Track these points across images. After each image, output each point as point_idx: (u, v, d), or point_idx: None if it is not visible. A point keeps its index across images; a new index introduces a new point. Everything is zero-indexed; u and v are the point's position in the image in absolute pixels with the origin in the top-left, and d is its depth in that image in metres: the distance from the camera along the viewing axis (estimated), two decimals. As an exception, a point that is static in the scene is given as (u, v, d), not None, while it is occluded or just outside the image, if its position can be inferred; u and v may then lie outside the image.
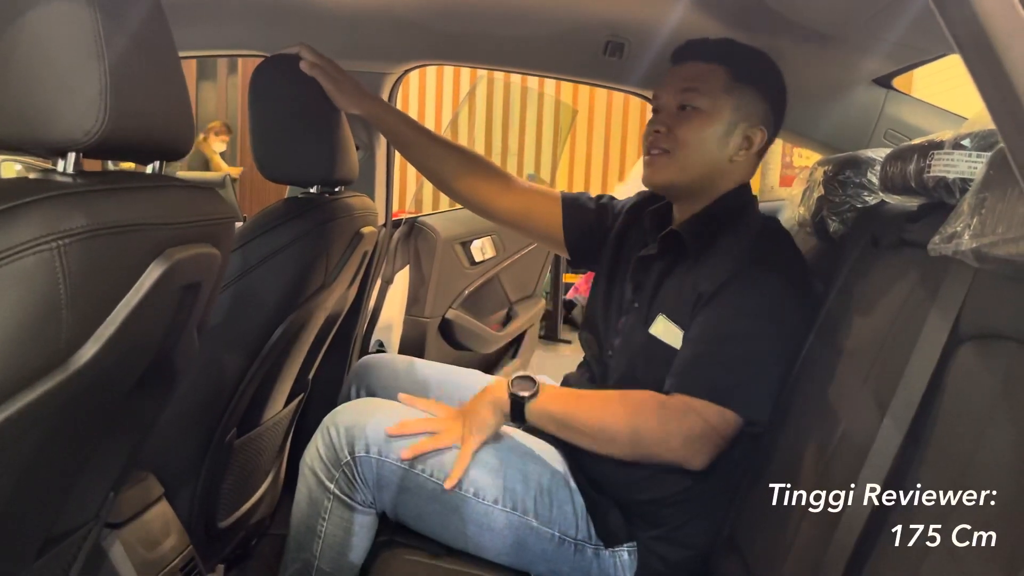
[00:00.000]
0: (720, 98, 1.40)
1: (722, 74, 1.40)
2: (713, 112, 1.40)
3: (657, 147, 1.42)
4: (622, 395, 1.35)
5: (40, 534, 0.92)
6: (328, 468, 1.33)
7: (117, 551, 1.20)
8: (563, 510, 1.36)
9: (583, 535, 1.36)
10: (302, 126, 1.47)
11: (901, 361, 0.95)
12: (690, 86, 1.40)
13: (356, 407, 1.40)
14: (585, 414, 1.32)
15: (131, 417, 1.00)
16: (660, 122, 1.42)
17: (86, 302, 0.73)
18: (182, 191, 0.91)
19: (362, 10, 1.65)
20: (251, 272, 1.37)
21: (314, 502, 1.36)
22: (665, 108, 1.43)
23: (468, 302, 2.71)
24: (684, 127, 1.40)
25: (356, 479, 1.33)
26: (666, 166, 1.42)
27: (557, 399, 1.34)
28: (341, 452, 1.32)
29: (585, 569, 1.37)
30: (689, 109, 1.40)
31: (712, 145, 1.41)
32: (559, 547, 1.35)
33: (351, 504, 1.35)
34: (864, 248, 1.32)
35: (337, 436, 1.33)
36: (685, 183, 1.43)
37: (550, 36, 1.68)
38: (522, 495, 1.34)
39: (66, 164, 0.77)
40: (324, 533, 1.36)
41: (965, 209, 0.83)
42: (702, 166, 1.42)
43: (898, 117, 1.71)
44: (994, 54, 0.52)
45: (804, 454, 1.17)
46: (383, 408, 1.40)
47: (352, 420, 1.34)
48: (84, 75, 0.73)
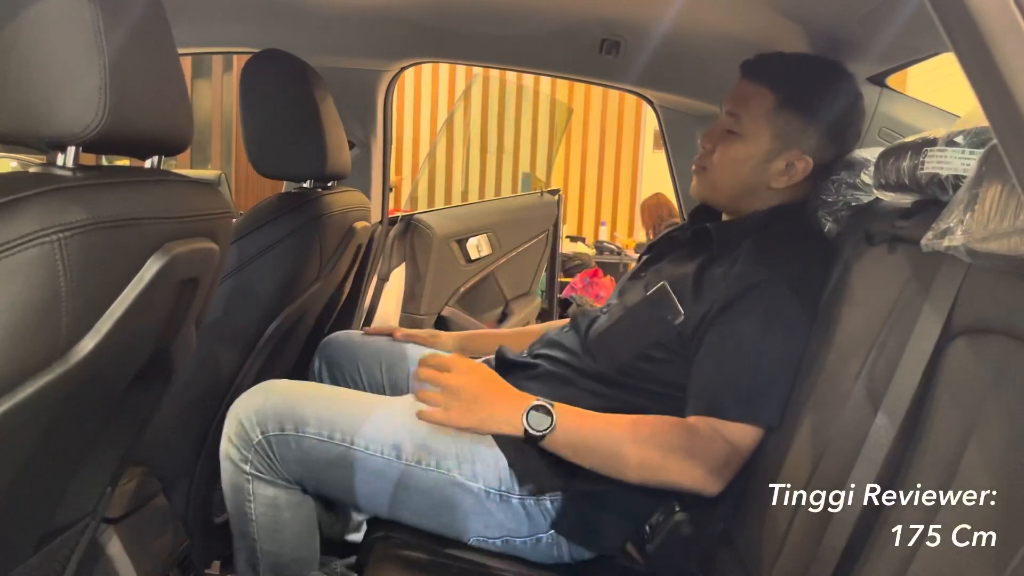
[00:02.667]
0: (760, 125, 1.39)
1: (768, 98, 1.38)
2: (750, 139, 1.40)
3: (699, 163, 1.47)
4: (647, 425, 1.29)
5: (37, 528, 0.93)
6: (240, 451, 1.32)
7: (114, 546, 1.21)
8: (486, 463, 1.33)
9: (507, 487, 1.34)
10: (293, 121, 1.48)
11: (895, 356, 0.96)
12: (734, 110, 1.41)
13: (257, 391, 1.37)
14: (604, 447, 1.27)
15: (129, 411, 1.01)
16: (708, 138, 1.45)
17: (86, 295, 0.73)
18: (181, 186, 0.91)
19: (358, 8, 1.66)
20: (246, 267, 1.37)
21: (236, 487, 1.35)
22: (719, 123, 1.45)
23: (464, 299, 2.72)
24: (721, 149, 1.42)
25: (271, 457, 1.32)
26: (701, 183, 1.47)
27: (573, 431, 1.27)
28: (253, 432, 1.31)
29: (516, 518, 1.34)
30: (730, 135, 1.41)
31: (747, 171, 1.42)
32: (485, 500, 1.33)
33: (272, 481, 1.34)
34: (858, 245, 1.33)
35: (248, 417, 1.31)
36: (720, 201, 1.49)
37: (546, 34, 1.69)
38: (443, 452, 1.32)
39: (66, 158, 0.77)
40: (255, 515, 1.35)
41: (957, 205, 0.83)
42: (736, 188, 1.45)
43: (892, 115, 1.71)
44: (988, 51, 0.53)
45: (799, 450, 1.17)
46: (288, 388, 1.38)
47: (259, 403, 1.33)
48: (84, 70, 0.73)
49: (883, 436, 0.93)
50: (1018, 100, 0.52)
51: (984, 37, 0.52)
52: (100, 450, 1.01)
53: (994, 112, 0.56)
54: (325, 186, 1.61)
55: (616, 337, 1.41)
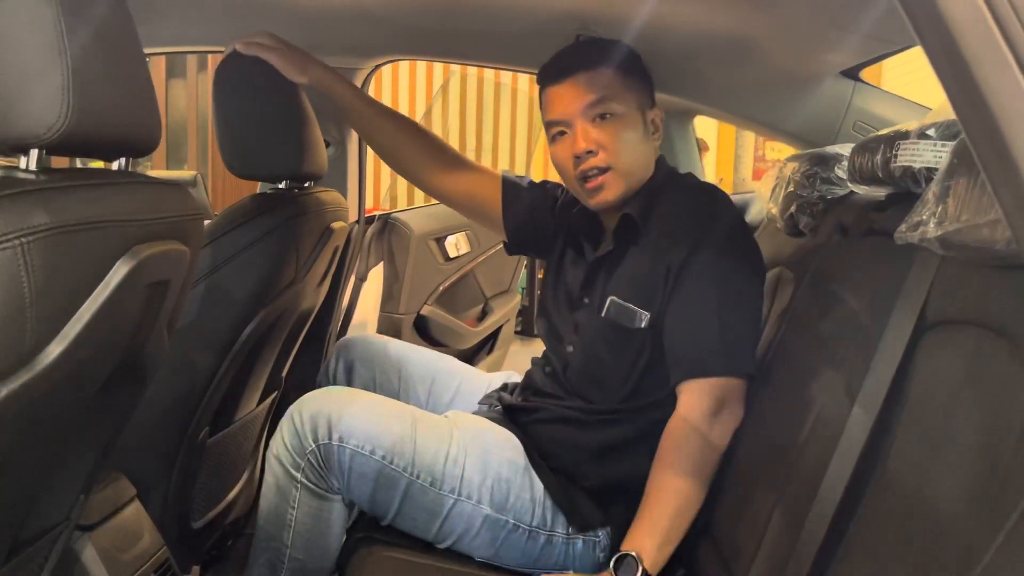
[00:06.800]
0: (625, 96, 1.39)
1: (613, 74, 1.39)
2: (628, 113, 1.39)
3: (594, 168, 1.38)
4: (672, 462, 1.29)
5: (9, 536, 0.91)
6: (294, 457, 1.32)
7: (89, 553, 1.19)
8: (520, 498, 1.36)
9: (540, 523, 1.37)
10: (268, 121, 1.46)
11: (870, 348, 0.96)
12: (599, 96, 1.37)
13: (322, 395, 1.39)
14: (678, 510, 1.28)
15: (101, 417, 0.99)
16: (584, 142, 1.36)
17: (51, 300, 0.72)
18: (149, 187, 0.90)
19: (331, 5, 1.64)
20: (220, 269, 1.36)
21: (282, 491, 1.34)
22: (575, 127, 1.38)
23: (443, 298, 2.70)
24: (611, 138, 1.37)
25: (324, 467, 1.32)
26: (613, 183, 1.39)
27: (658, 542, 1.25)
28: (306, 440, 1.31)
29: (556, 557, 1.38)
30: (609, 117, 1.37)
31: (640, 144, 1.41)
32: (513, 534, 1.36)
33: (320, 493, 1.34)
34: (833, 238, 1.33)
35: (302, 424, 1.32)
36: (633, 188, 1.42)
37: (520, 30, 1.68)
38: (478, 485, 1.34)
39: (29, 161, 0.76)
40: (294, 521, 1.35)
41: (930, 198, 0.84)
42: (640, 167, 1.42)
43: (866, 109, 1.73)
44: (954, 44, 0.53)
45: (777, 443, 1.18)
46: (353, 397, 1.40)
47: (318, 408, 1.33)
48: (45, 71, 0.72)
49: (860, 428, 0.94)
50: (984, 92, 0.52)
51: (950, 29, 0.52)
52: (72, 456, 1.00)
53: (961, 105, 0.56)
54: (301, 186, 1.59)
55: (597, 371, 1.43)
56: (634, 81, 1.41)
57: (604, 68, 1.39)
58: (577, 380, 1.46)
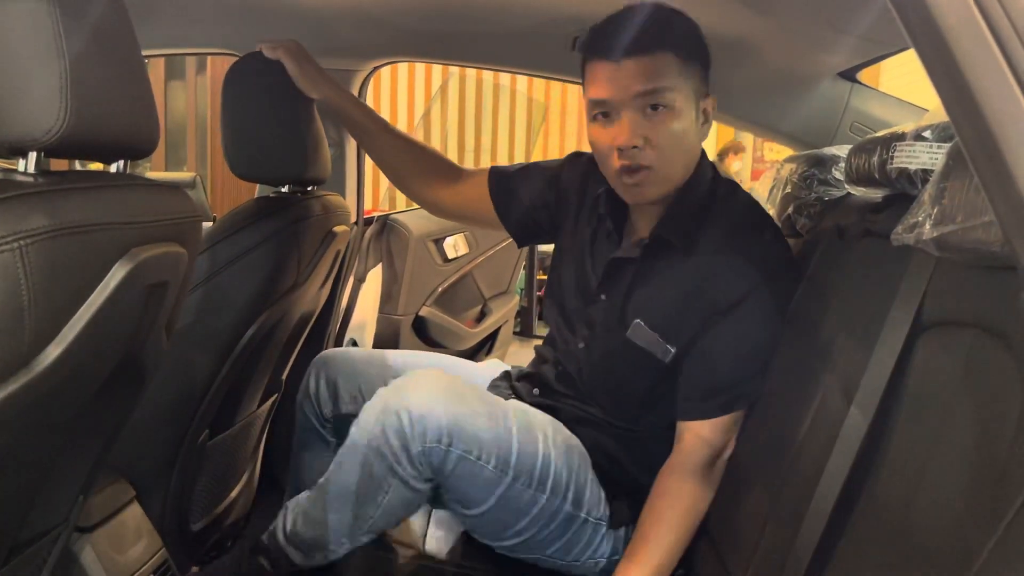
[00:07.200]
0: (682, 87, 1.27)
1: (671, 60, 1.26)
2: (682, 104, 1.27)
3: (633, 165, 1.28)
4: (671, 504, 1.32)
5: (8, 537, 0.91)
6: (396, 454, 1.27)
7: (88, 555, 1.19)
8: (594, 492, 1.39)
9: (599, 514, 1.40)
10: (275, 125, 1.46)
11: (867, 349, 0.96)
12: (654, 86, 1.25)
13: (426, 392, 1.29)
14: (669, 550, 1.30)
15: (99, 419, 0.99)
16: (632, 135, 1.26)
17: (49, 303, 0.72)
18: (147, 190, 0.90)
19: (330, 6, 1.65)
20: (221, 272, 1.36)
21: (377, 479, 1.30)
22: (622, 115, 1.27)
23: (442, 299, 2.71)
24: (661, 132, 1.27)
25: (427, 467, 1.28)
26: (656, 182, 1.30)
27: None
28: (413, 444, 1.26)
29: (595, 544, 1.41)
30: (661, 109, 1.25)
31: (691, 139, 1.31)
32: (583, 527, 1.39)
33: (417, 488, 1.31)
34: (830, 239, 1.34)
35: (411, 425, 1.26)
36: (676, 184, 1.34)
37: (518, 32, 1.69)
38: (565, 481, 1.36)
39: (27, 164, 0.76)
40: (384, 503, 1.33)
41: (926, 199, 0.84)
42: (687, 164, 1.34)
43: (863, 110, 1.73)
44: (946, 46, 0.53)
45: (774, 444, 1.18)
46: (460, 397, 1.32)
47: (427, 409, 1.26)
48: (43, 73, 0.72)
49: (857, 429, 0.94)
50: (976, 95, 0.52)
51: (942, 31, 0.52)
52: (71, 458, 1.00)
53: (953, 108, 0.57)
54: (304, 190, 1.59)
55: (614, 388, 1.42)
56: (693, 67, 1.28)
57: (662, 53, 1.25)
58: (592, 387, 1.45)
